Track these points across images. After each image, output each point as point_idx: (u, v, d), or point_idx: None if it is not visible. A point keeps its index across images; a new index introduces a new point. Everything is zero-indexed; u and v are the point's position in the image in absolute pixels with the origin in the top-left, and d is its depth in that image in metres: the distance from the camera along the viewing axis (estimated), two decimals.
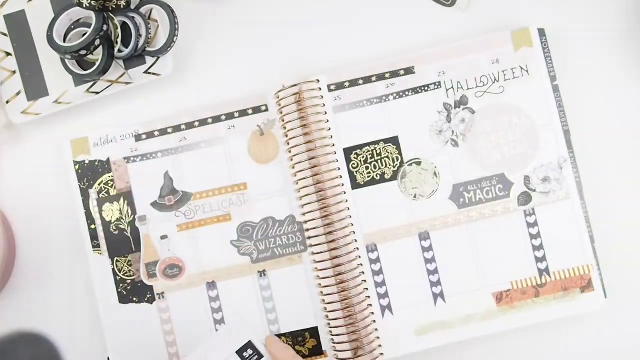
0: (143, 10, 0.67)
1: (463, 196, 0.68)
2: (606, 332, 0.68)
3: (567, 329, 0.68)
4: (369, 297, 0.67)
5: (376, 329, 0.67)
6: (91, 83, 0.68)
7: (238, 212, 0.68)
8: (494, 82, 0.68)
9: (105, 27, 0.65)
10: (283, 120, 0.68)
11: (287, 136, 0.68)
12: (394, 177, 0.68)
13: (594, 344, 0.68)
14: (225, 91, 0.70)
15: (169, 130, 0.68)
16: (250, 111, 0.69)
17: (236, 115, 0.69)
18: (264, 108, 0.69)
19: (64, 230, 0.67)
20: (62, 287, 0.69)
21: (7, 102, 0.68)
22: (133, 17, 0.67)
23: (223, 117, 0.69)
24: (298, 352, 0.67)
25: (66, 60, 0.68)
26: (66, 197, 0.69)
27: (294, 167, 0.68)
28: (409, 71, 0.68)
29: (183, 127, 0.69)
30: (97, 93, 0.67)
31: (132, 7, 0.68)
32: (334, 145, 0.68)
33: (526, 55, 0.68)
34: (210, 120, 0.69)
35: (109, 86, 0.67)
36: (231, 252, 0.68)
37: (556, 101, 0.68)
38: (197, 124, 0.69)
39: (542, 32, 0.68)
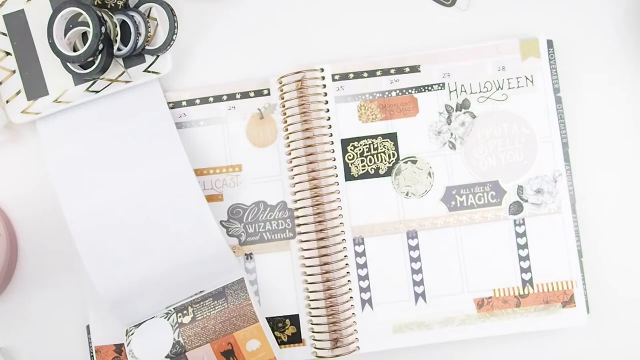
0: (142, 8, 0.67)
1: (455, 199, 0.68)
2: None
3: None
4: (351, 289, 0.67)
5: (355, 322, 0.67)
6: (91, 82, 0.68)
7: (230, 193, 0.69)
8: (497, 89, 0.68)
9: (103, 30, 0.64)
10: (284, 106, 0.68)
11: (286, 122, 0.68)
12: (388, 173, 0.68)
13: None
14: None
15: (170, 105, 0.69)
16: (252, 94, 0.69)
17: (238, 96, 0.69)
18: (265, 92, 0.69)
19: (66, 230, 0.66)
20: (63, 286, 0.69)
21: (7, 102, 0.68)
22: (132, 16, 0.67)
23: (224, 97, 0.69)
24: (277, 337, 0.68)
25: None
26: None
27: (290, 154, 0.68)
28: (414, 69, 0.68)
29: (184, 103, 0.69)
30: (97, 92, 0.67)
31: (132, 5, 0.68)
32: (331, 135, 0.68)
33: (533, 65, 0.68)
34: (211, 99, 0.69)
35: (109, 85, 0.67)
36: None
37: (557, 113, 0.68)
38: (198, 101, 0.69)
39: (549, 43, 0.68)
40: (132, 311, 0.65)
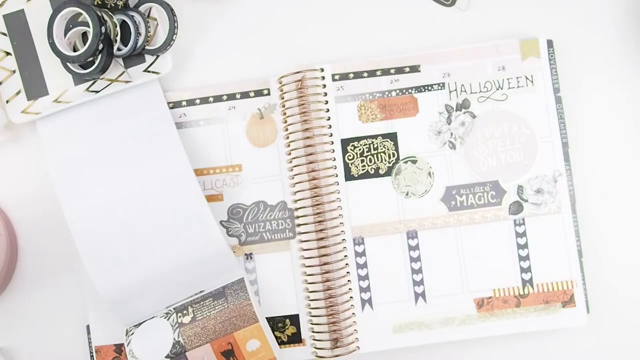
0: (142, 8, 0.67)
1: (455, 199, 0.68)
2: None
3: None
4: (351, 289, 0.67)
5: (355, 322, 0.67)
6: (91, 82, 0.68)
7: (230, 193, 0.69)
8: (497, 89, 0.68)
9: (103, 29, 0.64)
10: (284, 106, 0.68)
11: (285, 122, 0.68)
12: (388, 173, 0.68)
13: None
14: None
15: (170, 105, 0.69)
16: (252, 94, 0.69)
17: (238, 96, 0.69)
18: (265, 92, 0.69)
19: (66, 230, 0.66)
20: (63, 286, 0.69)
21: (7, 102, 0.68)
22: (132, 16, 0.67)
23: (224, 97, 0.69)
24: (277, 337, 0.67)
25: None
26: None
27: (290, 154, 0.68)
28: (414, 69, 0.68)
29: (184, 103, 0.69)
30: (97, 92, 0.67)
31: (132, 5, 0.68)
32: (331, 135, 0.68)
33: (533, 65, 0.68)
34: (211, 99, 0.69)
35: (109, 85, 0.67)
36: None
37: (557, 113, 0.68)
38: (198, 101, 0.69)
39: (549, 43, 0.68)
40: (132, 311, 0.65)
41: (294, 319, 0.68)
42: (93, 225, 0.65)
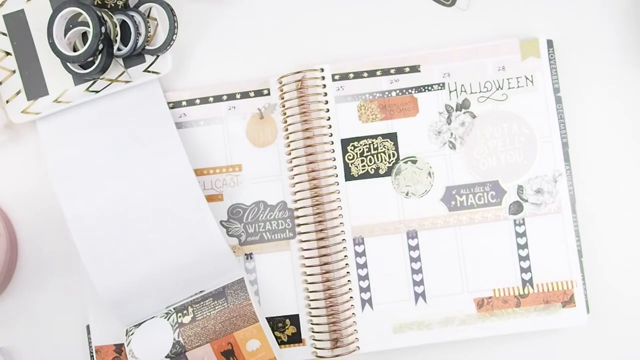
0: (142, 8, 0.67)
1: (455, 199, 0.68)
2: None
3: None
4: (351, 289, 0.67)
5: (355, 322, 0.67)
6: (91, 82, 0.68)
7: (230, 193, 0.69)
8: (497, 89, 0.68)
9: (103, 30, 0.64)
10: (284, 106, 0.68)
11: (286, 122, 0.68)
12: (388, 173, 0.68)
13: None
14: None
15: (170, 105, 0.69)
16: (252, 94, 0.69)
17: (238, 96, 0.69)
18: (265, 92, 0.69)
19: (66, 230, 0.65)
20: (63, 286, 0.69)
21: (7, 102, 0.68)
22: (132, 16, 0.67)
23: (224, 97, 0.69)
24: (277, 337, 0.68)
25: None
26: None
27: (290, 154, 0.68)
28: (414, 69, 0.68)
29: (184, 103, 0.69)
30: (97, 92, 0.67)
31: (132, 5, 0.68)
32: (331, 135, 0.68)
33: (533, 65, 0.68)
34: (211, 99, 0.69)
35: (109, 85, 0.67)
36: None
37: (557, 113, 0.68)
38: (198, 101, 0.69)
39: (549, 43, 0.68)
40: (132, 311, 0.65)
41: (294, 319, 0.68)
42: (93, 225, 0.65)
